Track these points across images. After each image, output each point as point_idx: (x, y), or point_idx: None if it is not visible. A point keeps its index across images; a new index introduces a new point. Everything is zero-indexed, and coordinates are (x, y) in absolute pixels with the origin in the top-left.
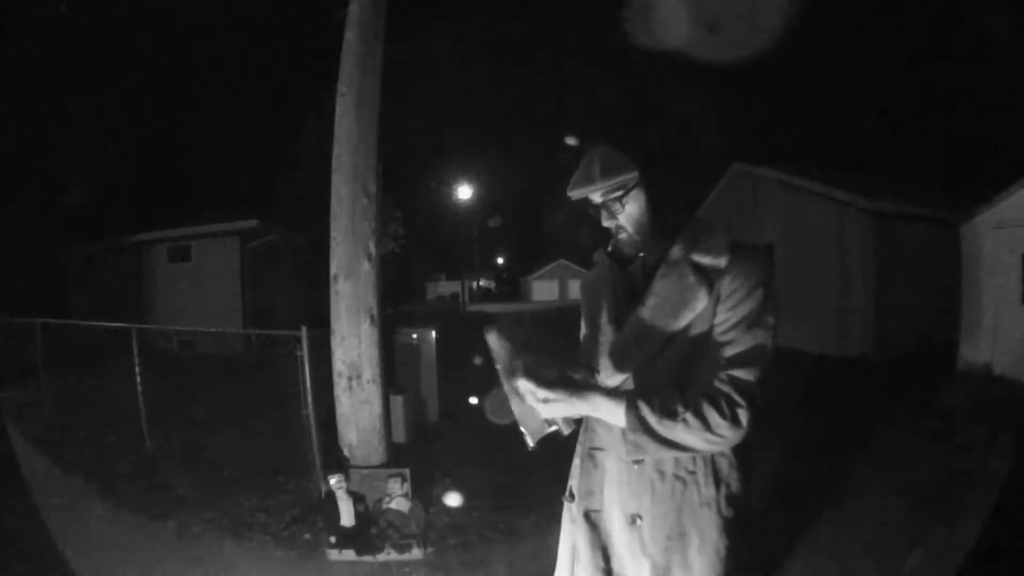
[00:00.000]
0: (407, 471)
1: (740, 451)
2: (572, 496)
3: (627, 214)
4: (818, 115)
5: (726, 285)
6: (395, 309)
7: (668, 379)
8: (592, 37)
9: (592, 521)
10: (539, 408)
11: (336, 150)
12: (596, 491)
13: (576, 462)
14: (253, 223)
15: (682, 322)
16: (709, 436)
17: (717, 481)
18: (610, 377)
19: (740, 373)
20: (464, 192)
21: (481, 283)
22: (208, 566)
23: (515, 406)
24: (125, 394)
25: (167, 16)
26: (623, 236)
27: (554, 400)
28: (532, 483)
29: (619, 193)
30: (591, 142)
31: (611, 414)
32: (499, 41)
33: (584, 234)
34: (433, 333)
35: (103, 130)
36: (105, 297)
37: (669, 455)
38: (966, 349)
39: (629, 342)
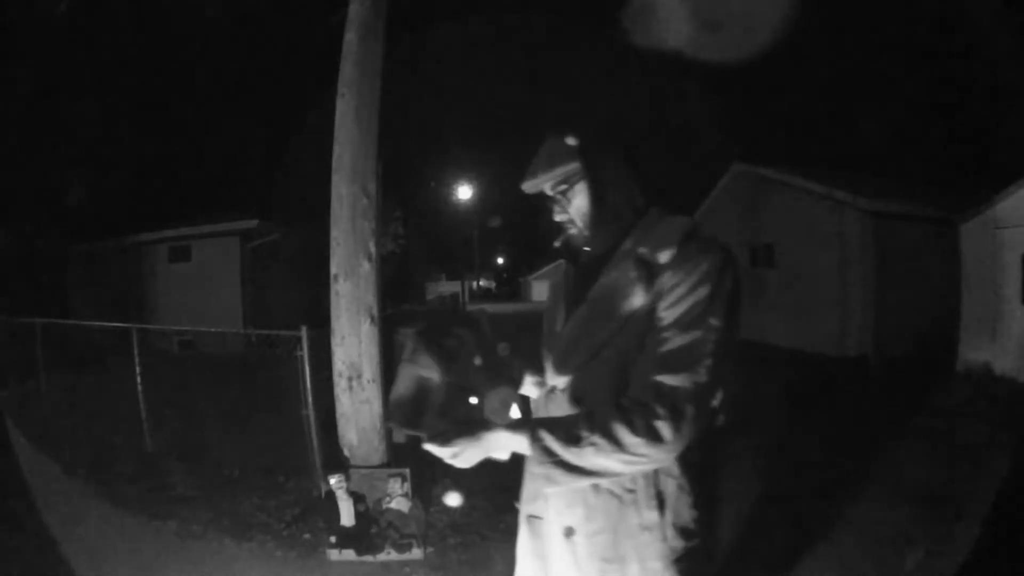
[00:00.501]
0: (407, 471)
1: (693, 472)
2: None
3: (575, 207)
4: (818, 115)
5: (667, 280)
6: (395, 309)
7: (606, 384)
8: (592, 37)
9: (534, 528)
10: (454, 463)
11: (336, 150)
12: (540, 497)
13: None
14: (253, 223)
15: (617, 321)
16: (626, 457)
17: (661, 504)
18: (553, 379)
19: (666, 379)
20: (464, 192)
21: (481, 283)
22: (208, 566)
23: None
24: (125, 394)
25: (168, 16)
26: (573, 231)
27: (461, 452)
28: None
29: (564, 187)
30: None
31: (520, 448)
32: (499, 41)
33: (565, 254)
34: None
35: (104, 130)
36: (105, 297)
37: (597, 481)
38: (966, 349)
39: (568, 342)
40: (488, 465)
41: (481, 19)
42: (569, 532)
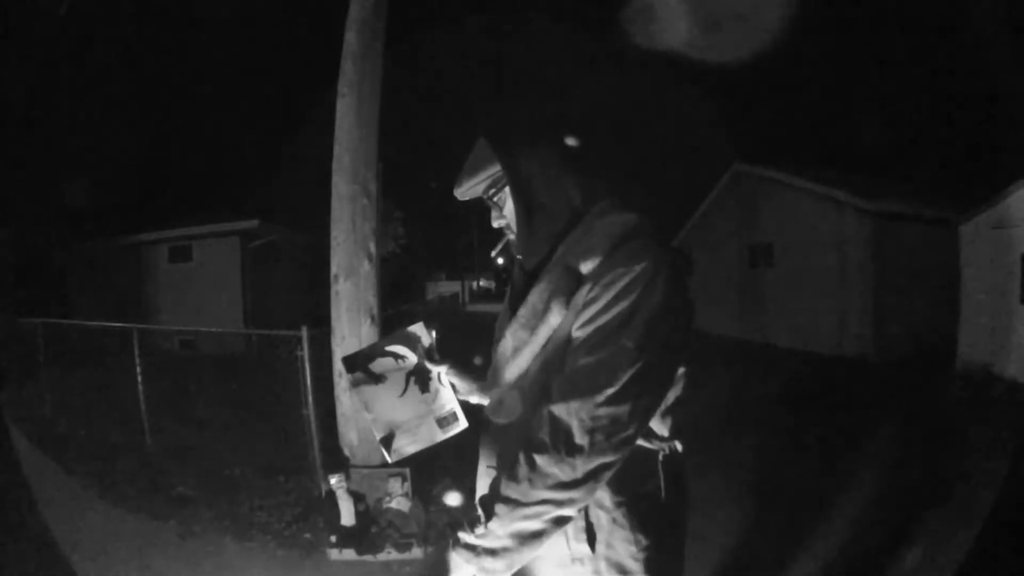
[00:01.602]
0: (407, 471)
1: (632, 504)
2: None
3: (508, 211)
4: (818, 115)
5: (585, 293)
6: (395, 309)
7: (530, 405)
8: (592, 37)
9: None
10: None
11: (337, 150)
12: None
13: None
14: (254, 223)
15: (540, 339)
16: (539, 508)
17: (592, 536)
18: (495, 394)
19: (559, 408)
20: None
21: (481, 283)
22: (209, 565)
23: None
24: (126, 394)
25: (168, 16)
26: (511, 237)
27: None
28: None
29: (492, 190)
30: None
31: (462, 568)
32: (499, 41)
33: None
34: (433, 333)
35: (104, 130)
36: (106, 297)
37: (547, 541)
38: (965, 349)
39: (498, 361)
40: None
41: (481, 19)
42: None
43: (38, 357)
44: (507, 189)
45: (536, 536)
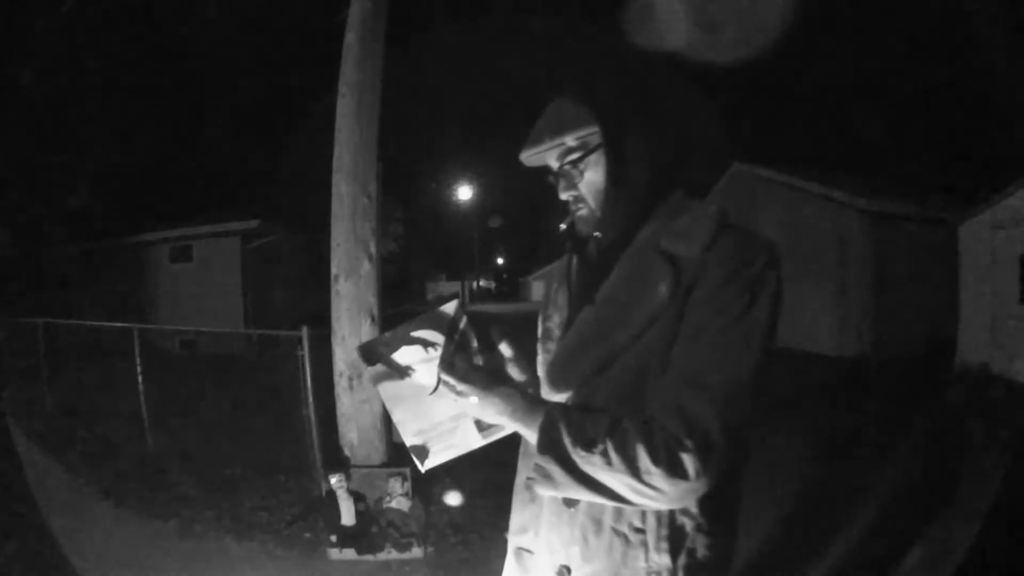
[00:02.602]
0: (407, 470)
1: (715, 509)
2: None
3: (587, 182)
4: (818, 115)
5: (698, 279)
6: (396, 309)
7: (614, 405)
8: (592, 38)
9: (523, 563)
10: (460, 402)
11: (337, 151)
12: (530, 528)
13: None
14: (254, 223)
15: (633, 328)
16: (637, 485)
17: (675, 547)
18: (549, 394)
19: (694, 403)
20: (464, 192)
21: (481, 283)
22: (209, 565)
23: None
24: (127, 393)
25: (169, 16)
26: (583, 212)
27: (466, 393)
28: None
29: (576, 155)
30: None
31: (527, 425)
32: (499, 41)
33: (569, 241)
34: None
35: (106, 130)
36: (107, 297)
37: (600, 500)
38: (964, 349)
39: (570, 351)
40: (488, 464)
41: (481, 20)
42: (562, 572)
43: (39, 357)
44: (593, 156)
45: (615, 502)
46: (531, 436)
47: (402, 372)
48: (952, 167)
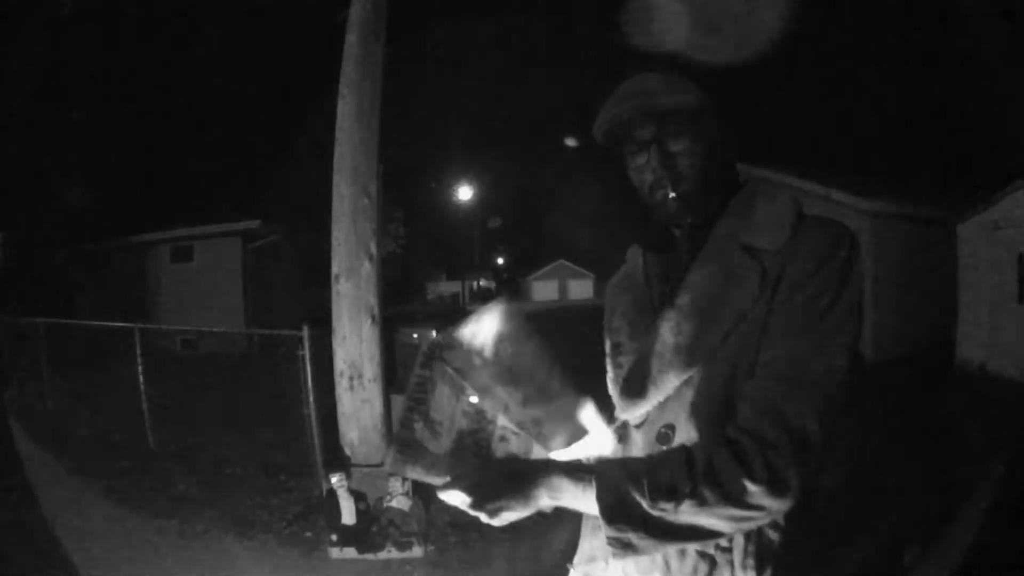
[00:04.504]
0: None
1: (799, 514)
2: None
3: (679, 161)
4: (816, 116)
5: (782, 271)
6: (396, 309)
7: (705, 414)
8: (592, 38)
9: None
10: (486, 520)
11: (337, 151)
12: (600, 558)
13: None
14: (255, 223)
15: (722, 328)
16: (739, 512)
17: (761, 561)
18: (625, 411)
19: (791, 405)
20: (464, 192)
21: (481, 283)
22: (210, 564)
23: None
24: (128, 393)
25: (170, 17)
26: (669, 198)
27: (499, 511)
28: None
29: (673, 128)
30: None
31: (579, 501)
32: (499, 42)
33: (584, 235)
34: (433, 333)
35: (107, 130)
36: (108, 297)
37: (693, 546)
38: (963, 348)
39: (653, 360)
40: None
41: (481, 20)
42: None
43: (40, 357)
44: (690, 135)
45: (710, 539)
46: (589, 510)
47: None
48: (951, 167)
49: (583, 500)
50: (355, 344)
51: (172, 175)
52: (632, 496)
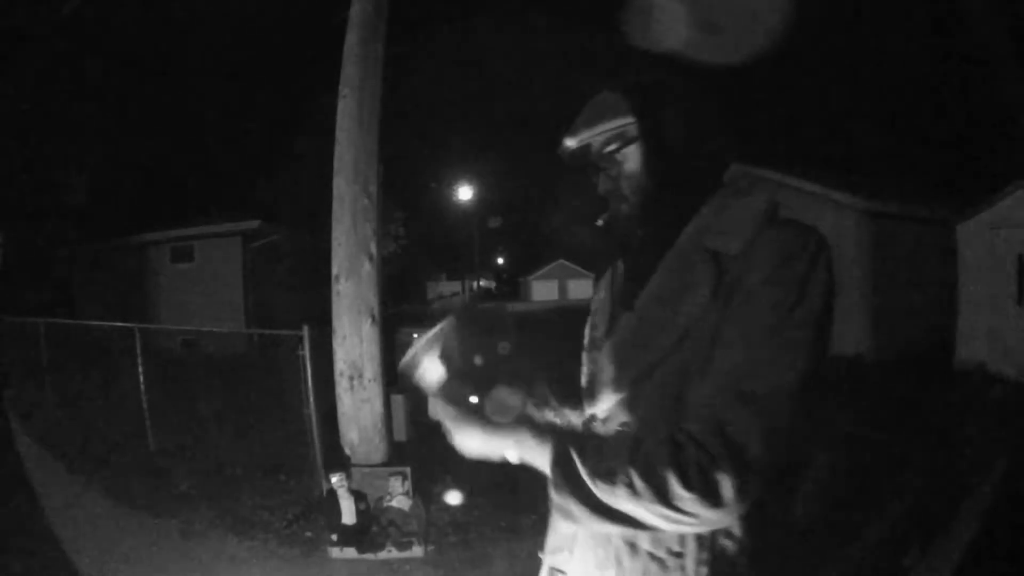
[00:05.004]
0: (408, 469)
1: (762, 530)
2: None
3: (626, 175)
4: (816, 116)
5: (738, 276)
6: (396, 309)
7: (660, 414)
8: (591, 39)
9: None
10: (455, 438)
11: (337, 151)
12: (565, 549)
13: None
14: (255, 223)
15: (675, 331)
16: (668, 512)
17: (715, 571)
18: (589, 406)
19: (732, 414)
20: (464, 193)
21: (481, 283)
22: (210, 564)
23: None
24: (128, 393)
25: (170, 17)
26: (623, 208)
27: (471, 437)
28: (533, 481)
29: (614, 146)
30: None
31: (539, 459)
32: (500, 42)
33: (584, 234)
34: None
35: (107, 131)
36: (108, 297)
37: (628, 530)
38: (962, 349)
39: (610, 359)
40: (488, 463)
41: (481, 20)
42: None
43: (41, 357)
44: (630, 148)
45: (645, 530)
46: (543, 467)
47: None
48: (951, 168)
49: (540, 461)
50: (355, 344)
51: (172, 175)
52: (577, 469)
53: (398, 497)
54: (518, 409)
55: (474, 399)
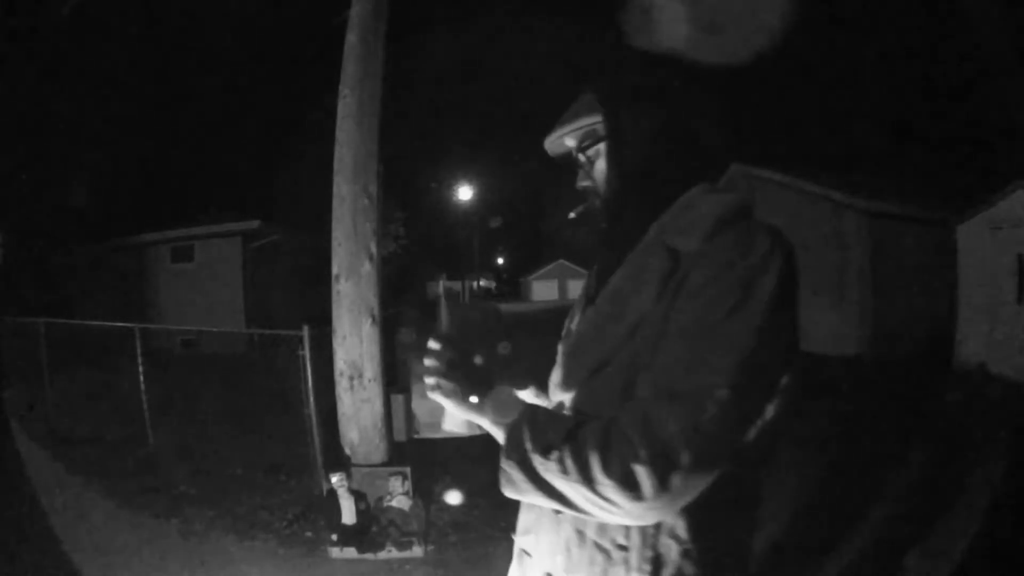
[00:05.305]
0: (408, 469)
1: (710, 536)
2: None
3: (598, 172)
4: (816, 116)
5: (687, 275)
6: (396, 309)
7: (610, 404)
8: (591, 39)
9: (523, 564)
10: (430, 395)
11: (337, 151)
12: (532, 531)
13: None
14: (255, 223)
15: (625, 325)
16: (591, 495)
17: (657, 568)
18: (557, 394)
19: (657, 409)
20: (464, 193)
21: (481, 283)
22: (211, 564)
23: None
24: (128, 393)
25: (170, 17)
26: (596, 204)
27: (455, 396)
28: None
29: (587, 143)
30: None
31: (496, 430)
32: (500, 42)
33: (582, 233)
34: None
35: (107, 131)
36: (109, 297)
37: (563, 509)
38: (962, 349)
39: (571, 350)
40: (488, 463)
41: (482, 20)
42: None
43: (41, 357)
44: (601, 146)
45: (577, 512)
46: (498, 437)
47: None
48: (951, 168)
49: (500, 425)
50: (355, 344)
51: (172, 175)
52: (524, 439)
53: (398, 497)
54: (518, 405)
55: (474, 399)
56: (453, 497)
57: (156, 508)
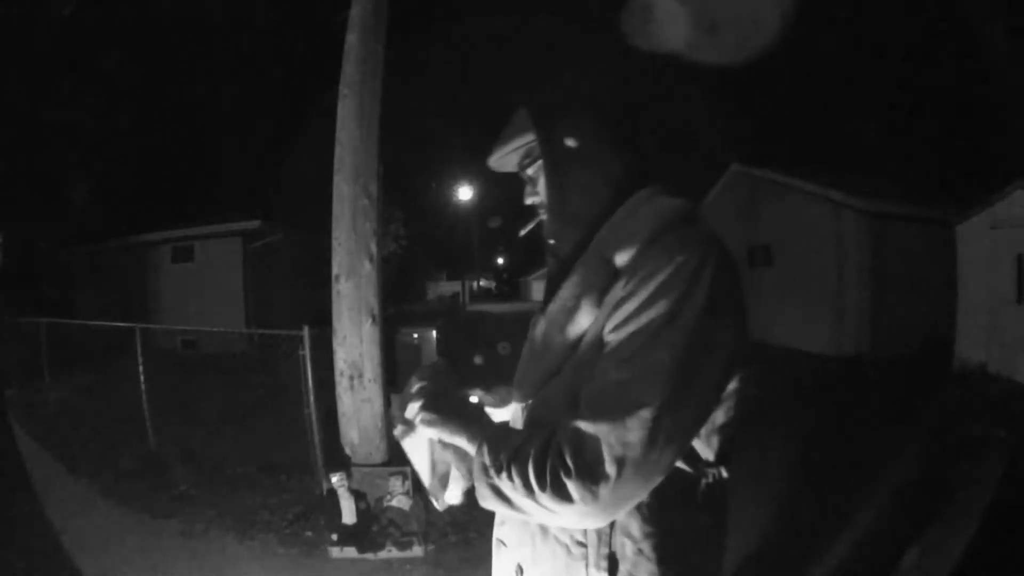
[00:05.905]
0: (408, 469)
1: (662, 537)
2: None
3: (541, 187)
4: (816, 115)
5: (618, 290)
6: (396, 309)
7: (560, 412)
8: (591, 39)
9: (499, 553)
10: (419, 428)
11: (338, 151)
12: (506, 523)
13: None
14: (255, 224)
15: (568, 340)
16: (534, 505)
17: (613, 566)
18: (519, 399)
19: (586, 425)
20: (465, 193)
21: (481, 283)
22: (211, 564)
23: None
24: (129, 393)
25: (170, 17)
26: (543, 218)
27: (432, 424)
28: None
29: (527, 161)
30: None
31: (471, 445)
32: (500, 42)
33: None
34: (434, 332)
35: (107, 131)
36: (109, 297)
37: (520, 516)
38: (962, 348)
39: (525, 361)
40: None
41: (482, 21)
42: (519, 571)
43: (40, 357)
44: (537, 163)
45: (537, 518)
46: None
47: (412, 425)
48: (950, 168)
49: (469, 450)
50: (355, 344)
51: (172, 175)
52: (484, 456)
53: (398, 497)
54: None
55: (474, 398)
56: (453, 497)
57: (156, 507)
